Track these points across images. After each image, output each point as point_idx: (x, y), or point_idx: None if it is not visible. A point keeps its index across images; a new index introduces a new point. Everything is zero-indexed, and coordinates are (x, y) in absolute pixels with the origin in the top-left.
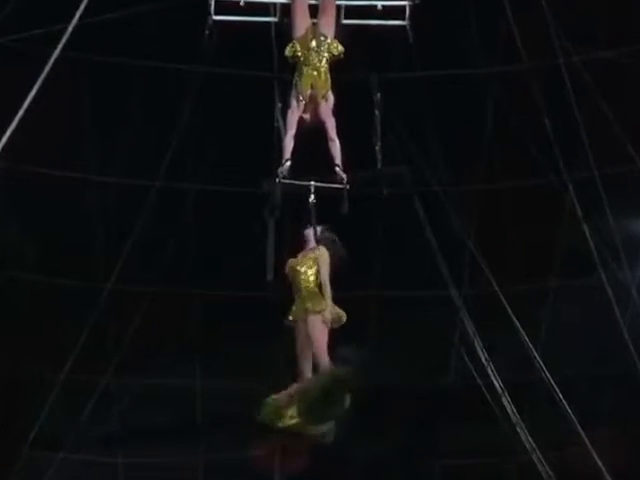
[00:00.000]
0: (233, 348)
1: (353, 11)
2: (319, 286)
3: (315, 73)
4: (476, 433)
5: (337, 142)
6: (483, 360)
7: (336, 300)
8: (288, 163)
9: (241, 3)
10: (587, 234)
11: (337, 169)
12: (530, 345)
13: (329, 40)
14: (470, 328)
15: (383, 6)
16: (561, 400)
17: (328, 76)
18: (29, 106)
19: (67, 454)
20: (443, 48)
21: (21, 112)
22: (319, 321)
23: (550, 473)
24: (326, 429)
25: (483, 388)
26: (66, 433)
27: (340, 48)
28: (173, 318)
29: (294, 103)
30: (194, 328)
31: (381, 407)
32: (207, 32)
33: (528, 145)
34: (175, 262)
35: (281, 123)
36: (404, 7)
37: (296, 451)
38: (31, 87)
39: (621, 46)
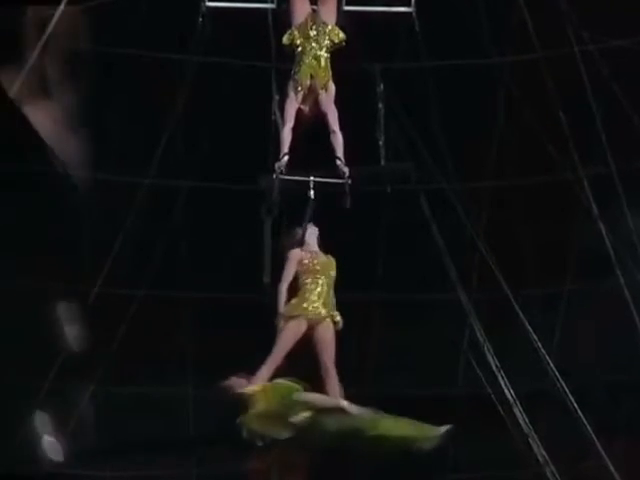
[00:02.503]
0: (228, 354)
1: None
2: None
3: (315, 62)
4: (486, 445)
5: (339, 134)
6: (493, 368)
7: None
8: (286, 157)
9: None
10: (603, 233)
11: (338, 162)
12: (543, 351)
13: (330, 27)
14: (480, 334)
15: None
16: (576, 410)
17: (329, 65)
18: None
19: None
20: (451, 36)
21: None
22: (332, 329)
23: None
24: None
25: (493, 397)
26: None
27: (341, 35)
28: (164, 323)
29: (292, 94)
30: (186, 333)
31: None
32: (200, 19)
33: (541, 139)
34: (166, 263)
35: (278, 116)
36: None
37: (294, 465)
38: None
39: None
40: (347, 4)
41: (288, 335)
